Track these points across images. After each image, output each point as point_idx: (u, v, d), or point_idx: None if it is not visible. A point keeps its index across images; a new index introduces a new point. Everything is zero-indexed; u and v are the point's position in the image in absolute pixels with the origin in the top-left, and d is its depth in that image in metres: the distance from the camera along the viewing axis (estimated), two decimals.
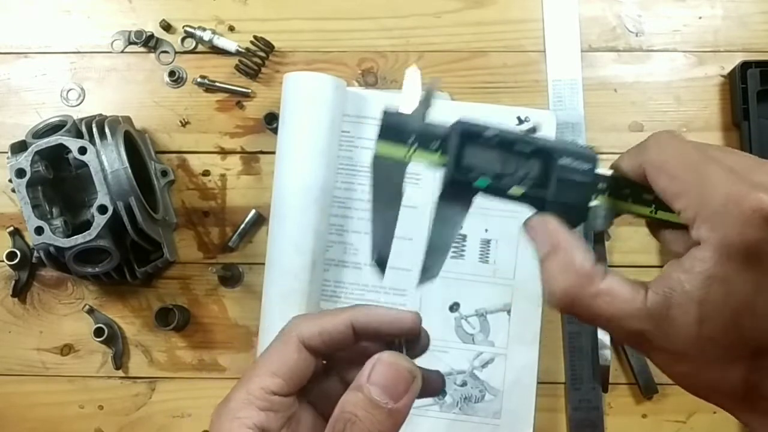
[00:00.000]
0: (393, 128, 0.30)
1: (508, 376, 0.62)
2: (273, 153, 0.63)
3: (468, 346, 0.62)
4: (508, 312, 0.62)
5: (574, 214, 0.32)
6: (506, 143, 0.30)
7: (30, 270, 0.65)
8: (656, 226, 0.35)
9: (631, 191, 0.33)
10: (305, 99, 0.61)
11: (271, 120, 0.65)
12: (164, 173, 0.65)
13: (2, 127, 0.67)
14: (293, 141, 0.61)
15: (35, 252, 0.60)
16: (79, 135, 0.59)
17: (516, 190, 0.31)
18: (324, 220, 0.61)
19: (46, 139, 0.57)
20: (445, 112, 0.64)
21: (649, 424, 0.63)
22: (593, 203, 0.32)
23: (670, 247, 0.34)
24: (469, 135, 0.30)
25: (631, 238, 0.65)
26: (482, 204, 0.63)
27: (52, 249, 0.57)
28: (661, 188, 0.31)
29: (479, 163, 0.31)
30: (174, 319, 0.63)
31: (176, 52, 0.68)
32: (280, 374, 0.33)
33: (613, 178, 0.33)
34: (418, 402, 0.64)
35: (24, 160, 0.57)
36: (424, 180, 0.63)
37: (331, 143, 0.61)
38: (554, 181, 0.31)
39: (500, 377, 0.62)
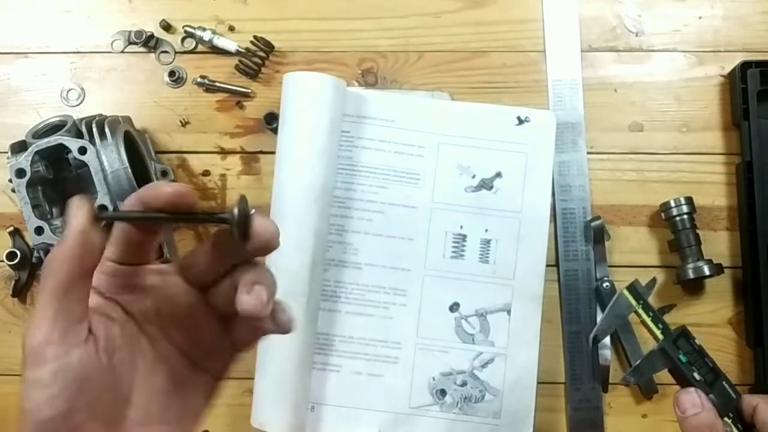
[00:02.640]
0: None
1: (508, 376, 0.62)
2: (273, 153, 0.63)
3: (468, 346, 0.62)
4: (508, 312, 0.62)
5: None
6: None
7: (30, 270, 0.65)
8: None
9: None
10: (305, 99, 0.61)
11: (271, 120, 0.65)
12: (164, 173, 0.65)
13: (2, 127, 0.67)
14: (293, 141, 0.61)
15: (35, 252, 0.60)
16: (79, 135, 0.59)
17: None
18: (324, 220, 0.61)
19: (46, 139, 0.57)
20: (442, 112, 0.64)
21: (649, 424, 0.63)
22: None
23: None
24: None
25: (631, 238, 0.65)
26: (482, 204, 0.63)
27: (52, 249, 0.57)
28: None
29: None
30: None
31: (176, 52, 0.68)
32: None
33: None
34: (418, 402, 0.64)
35: (24, 160, 0.57)
36: (423, 180, 0.63)
37: (331, 143, 0.61)
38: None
39: (500, 377, 0.62)
